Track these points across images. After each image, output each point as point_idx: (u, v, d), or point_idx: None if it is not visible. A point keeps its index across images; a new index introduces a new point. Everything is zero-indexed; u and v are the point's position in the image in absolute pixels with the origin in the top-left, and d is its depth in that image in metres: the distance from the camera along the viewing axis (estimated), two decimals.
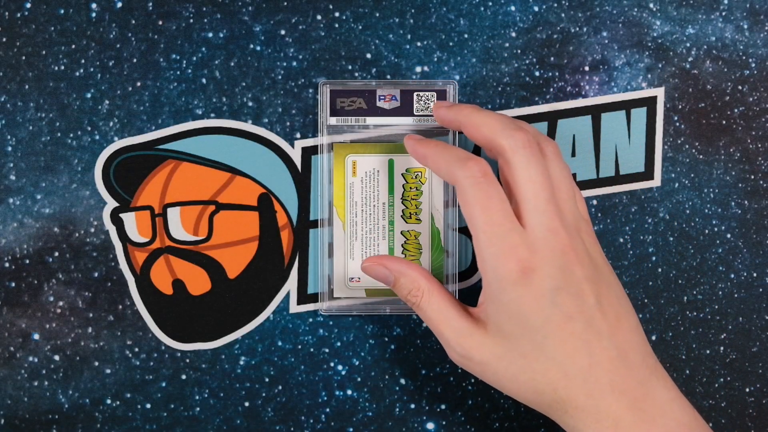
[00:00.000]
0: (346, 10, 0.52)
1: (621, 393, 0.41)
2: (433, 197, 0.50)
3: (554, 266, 0.42)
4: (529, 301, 0.42)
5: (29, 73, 0.52)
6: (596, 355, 0.42)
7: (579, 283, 0.42)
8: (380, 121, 0.50)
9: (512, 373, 0.43)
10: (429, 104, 0.49)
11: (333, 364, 0.54)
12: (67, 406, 0.54)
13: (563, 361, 0.42)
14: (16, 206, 0.52)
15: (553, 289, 0.42)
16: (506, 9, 0.53)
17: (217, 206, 0.53)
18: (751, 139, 0.54)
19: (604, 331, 0.42)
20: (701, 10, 0.54)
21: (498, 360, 0.43)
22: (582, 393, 0.42)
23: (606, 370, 0.42)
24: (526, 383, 0.43)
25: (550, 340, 0.42)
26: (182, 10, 0.52)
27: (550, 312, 0.42)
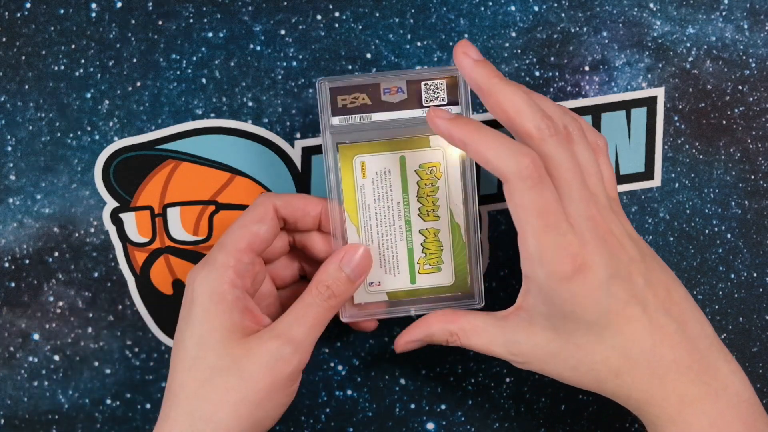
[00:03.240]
0: (346, 10, 0.52)
1: (686, 368, 0.41)
2: (450, 192, 0.47)
3: (603, 256, 0.40)
4: (585, 296, 0.40)
5: (29, 73, 0.52)
6: (657, 334, 0.41)
7: (626, 266, 0.41)
8: (387, 116, 0.46)
9: (572, 365, 0.42)
10: (439, 93, 0.45)
11: (333, 364, 0.54)
12: (67, 406, 0.54)
13: (625, 347, 0.41)
14: (16, 206, 0.52)
15: (606, 279, 0.40)
16: (506, 9, 0.53)
17: (217, 206, 0.53)
18: (752, 139, 0.54)
19: (660, 308, 0.42)
20: (701, 10, 0.54)
21: (554, 358, 0.42)
22: (647, 374, 0.41)
23: (669, 347, 0.41)
24: (588, 374, 0.42)
25: (609, 329, 0.41)
26: (182, 10, 0.52)
27: (606, 303, 0.41)
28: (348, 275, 0.45)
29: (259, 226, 0.45)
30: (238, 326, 0.43)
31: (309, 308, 0.44)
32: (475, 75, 0.41)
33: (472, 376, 0.55)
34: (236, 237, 0.44)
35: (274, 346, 0.42)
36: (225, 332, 0.42)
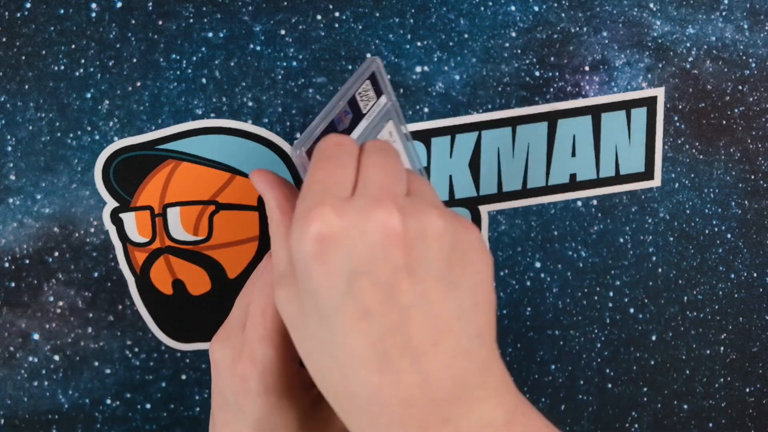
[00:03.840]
0: (346, 10, 0.52)
1: (416, 429, 0.32)
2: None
3: (364, 243, 0.32)
4: (319, 279, 0.32)
5: (29, 73, 0.52)
6: (391, 374, 0.32)
7: (393, 272, 0.32)
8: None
9: (306, 347, 0.35)
10: (368, 93, 0.44)
11: None
12: (67, 406, 0.54)
13: (347, 370, 0.33)
14: (16, 206, 0.52)
15: (351, 270, 0.32)
16: (506, 9, 0.53)
17: (217, 206, 0.53)
18: (752, 139, 0.54)
19: (412, 345, 0.32)
20: (701, 10, 0.54)
21: (295, 323, 0.35)
22: (363, 417, 0.33)
23: (400, 398, 0.32)
24: (313, 367, 0.35)
25: (336, 336, 0.32)
26: (182, 10, 0.51)
27: (341, 300, 0.32)
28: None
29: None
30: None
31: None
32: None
33: None
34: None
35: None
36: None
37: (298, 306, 0.34)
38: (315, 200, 0.33)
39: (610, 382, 0.56)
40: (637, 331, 0.55)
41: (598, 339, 0.55)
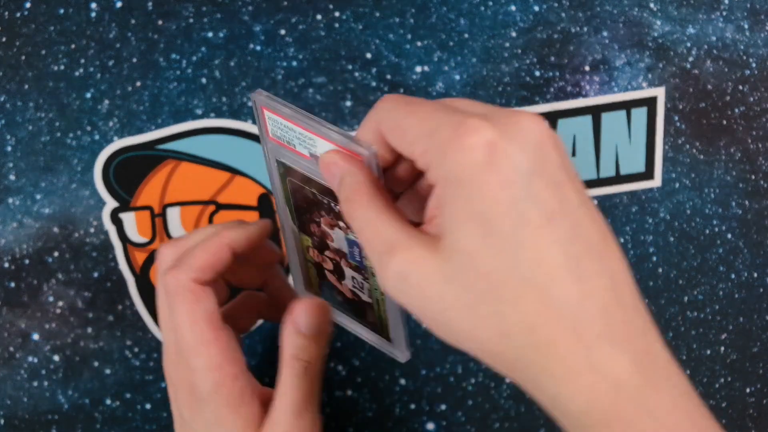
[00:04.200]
0: (346, 10, 0.52)
1: (622, 342, 0.29)
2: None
3: (528, 144, 0.29)
4: (495, 190, 0.29)
5: (29, 73, 0.52)
6: (587, 281, 0.29)
7: (556, 171, 0.30)
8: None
9: (466, 302, 0.29)
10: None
11: (333, 364, 0.54)
12: (67, 406, 0.54)
13: (545, 285, 0.28)
14: (16, 206, 0.52)
15: (527, 172, 0.29)
16: (506, 9, 0.53)
17: (217, 206, 0.53)
18: (752, 139, 0.54)
19: (594, 246, 0.29)
20: (702, 10, 0.53)
21: (446, 281, 0.29)
22: (571, 335, 0.28)
23: (600, 306, 0.29)
24: (487, 319, 0.29)
25: (525, 251, 0.29)
26: (182, 10, 0.51)
27: (525, 207, 0.29)
28: (311, 336, 0.40)
29: (203, 306, 0.40)
30: (249, 421, 0.40)
31: (293, 392, 0.40)
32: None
33: (473, 377, 0.55)
34: (197, 334, 0.40)
35: None
36: (243, 430, 0.40)
37: (440, 262, 0.30)
38: (458, 118, 0.30)
39: None
40: None
41: None
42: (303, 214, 0.40)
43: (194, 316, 0.39)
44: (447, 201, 0.30)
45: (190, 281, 0.39)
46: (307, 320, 0.40)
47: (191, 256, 0.39)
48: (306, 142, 0.36)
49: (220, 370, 0.39)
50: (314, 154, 0.36)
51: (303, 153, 0.37)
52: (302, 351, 0.40)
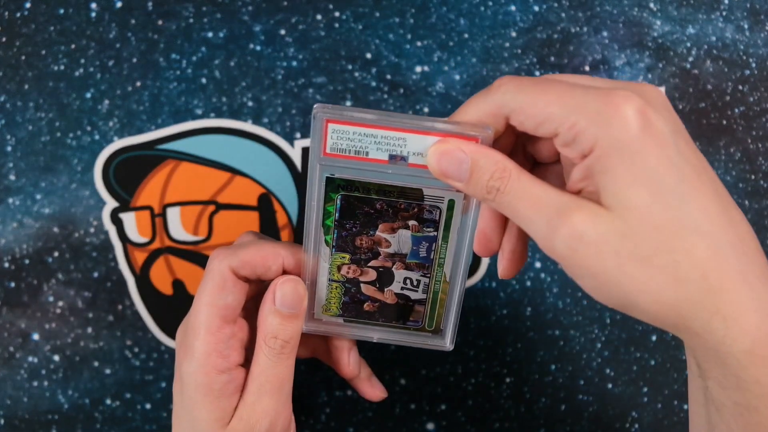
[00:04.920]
0: (346, 10, 0.52)
1: None
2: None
3: (664, 108, 0.33)
4: (656, 152, 0.31)
5: (29, 73, 0.52)
6: (738, 226, 0.32)
7: (684, 128, 0.33)
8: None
9: (642, 255, 0.31)
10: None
11: None
12: (67, 406, 0.54)
13: (711, 233, 0.31)
14: (16, 206, 0.52)
15: (672, 132, 0.32)
16: (506, 9, 0.53)
17: (217, 206, 0.53)
18: (752, 139, 0.54)
19: (726, 195, 0.33)
20: (702, 10, 0.53)
21: (622, 237, 0.31)
22: (738, 277, 0.31)
23: (753, 248, 0.32)
24: (663, 269, 0.31)
25: (690, 204, 0.31)
26: (182, 10, 0.51)
27: (680, 164, 0.31)
28: (287, 314, 0.40)
29: (224, 298, 0.40)
30: (226, 412, 0.40)
31: (266, 372, 0.40)
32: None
33: (472, 377, 0.55)
34: (206, 318, 0.40)
35: (248, 427, 0.40)
36: (213, 422, 0.40)
37: (614, 220, 0.31)
38: (602, 91, 0.32)
39: (610, 382, 0.56)
40: (637, 331, 0.55)
41: (598, 339, 0.55)
42: (347, 230, 0.40)
43: (212, 300, 0.40)
44: (609, 166, 0.32)
45: (228, 268, 0.40)
46: (285, 299, 0.40)
47: (242, 249, 0.40)
48: (389, 145, 0.36)
49: (208, 358, 0.39)
50: (399, 155, 0.36)
51: (379, 159, 0.37)
52: (279, 330, 0.40)
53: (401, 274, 0.41)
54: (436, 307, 0.42)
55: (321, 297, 0.42)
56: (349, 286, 0.42)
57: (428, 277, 0.41)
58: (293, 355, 0.41)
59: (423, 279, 0.41)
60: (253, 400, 0.40)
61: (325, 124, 0.37)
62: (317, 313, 0.43)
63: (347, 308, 0.43)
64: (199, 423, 0.40)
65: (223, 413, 0.40)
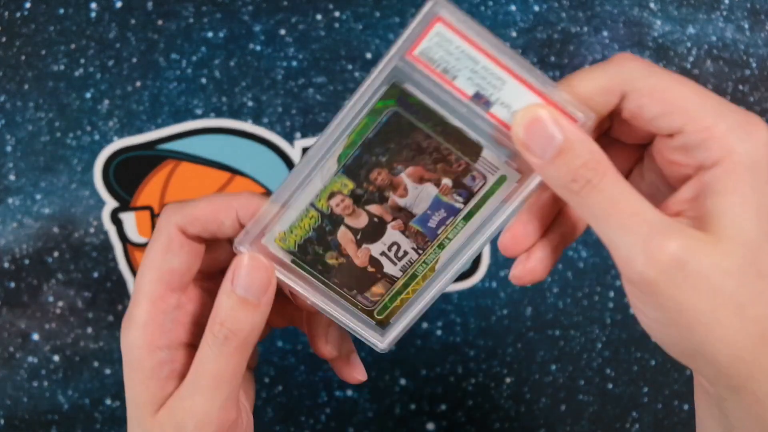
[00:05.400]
0: (346, 10, 0.52)
1: None
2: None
3: None
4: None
5: (29, 73, 0.52)
6: None
7: None
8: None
9: (740, 301, 0.28)
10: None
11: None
12: (66, 406, 0.54)
13: None
14: (16, 206, 0.52)
15: None
16: (506, 9, 0.53)
17: None
18: None
19: None
20: (702, 10, 0.53)
21: (725, 275, 0.28)
22: None
23: None
24: (756, 321, 0.28)
25: None
26: (182, 10, 0.51)
27: None
28: (243, 298, 0.33)
29: (168, 261, 0.34)
30: (157, 397, 0.34)
31: (203, 364, 0.34)
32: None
33: (473, 377, 0.55)
34: (147, 284, 0.35)
35: (174, 422, 0.34)
36: (142, 406, 0.34)
37: (721, 255, 0.28)
38: (735, 106, 0.29)
39: (610, 382, 0.56)
40: (637, 332, 0.55)
41: (598, 339, 0.55)
42: (372, 153, 0.33)
43: (155, 263, 0.34)
44: (734, 188, 0.28)
45: (174, 226, 0.34)
46: (246, 281, 0.33)
47: (191, 203, 0.34)
48: (484, 81, 0.31)
49: (144, 330, 0.34)
50: (486, 97, 0.31)
51: (463, 90, 0.31)
52: (228, 317, 0.33)
53: (393, 235, 0.34)
54: (399, 296, 0.36)
55: (286, 222, 0.34)
56: (326, 222, 0.34)
57: (419, 253, 0.35)
58: (243, 352, 0.34)
59: (412, 253, 0.35)
60: (184, 394, 0.34)
61: (432, 21, 0.30)
62: (267, 239, 0.35)
63: (305, 249, 0.35)
64: (129, 404, 0.35)
65: (152, 398, 0.34)
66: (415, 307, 0.35)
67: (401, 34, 0.30)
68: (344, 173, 0.33)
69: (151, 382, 0.34)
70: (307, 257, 0.35)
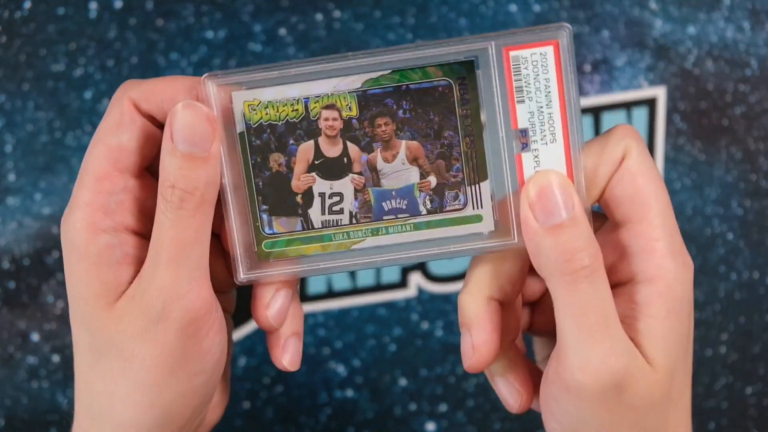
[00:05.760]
0: (346, 10, 0.52)
1: None
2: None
3: None
4: (689, 321, 0.31)
5: (29, 72, 0.52)
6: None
7: None
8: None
9: (651, 427, 0.30)
10: None
11: (333, 365, 0.54)
12: (66, 407, 0.54)
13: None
14: (16, 206, 0.52)
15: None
16: (506, 9, 0.53)
17: None
18: (753, 139, 0.54)
19: None
20: (702, 10, 0.53)
21: (650, 407, 0.30)
22: None
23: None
24: None
25: (680, 407, 0.31)
26: (182, 10, 0.51)
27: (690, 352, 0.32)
28: (188, 153, 0.29)
29: (118, 137, 0.31)
30: (111, 286, 0.30)
31: (162, 234, 0.30)
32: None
33: (473, 377, 0.55)
34: (92, 161, 0.31)
35: (139, 309, 0.30)
36: (93, 299, 0.30)
37: (664, 376, 0.30)
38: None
39: None
40: None
41: None
42: (398, 106, 0.30)
43: (102, 140, 0.31)
44: (663, 314, 0.29)
45: (128, 100, 0.31)
46: (185, 132, 0.29)
47: (151, 81, 0.31)
48: (541, 126, 0.30)
49: (86, 211, 0.30)
50: (528, 138, 0.30)
51: (518, 117, 0.30)
52: (179, 177, 0.29)
53: (345, 186, 0.31)
54: (297, 245, 0.32)
55: (269, 94, 0.30)
56: (302, 125, 0.31)
57: (351, 222, 0.31)
58: (203, 213, 0.30)
59: (345, 216, 0.31)
60: (147, 275, 0.30)
61: (547, 41, 0.29)
62: (237, 93, 0.30)
63: (261, 132, 0.31)
64: (75, 300, 0.31)
65: (104, 288, 0.30)
66: (301, 266, 0.32)
67: (517, 29, 0.29)
68: (358, 97, 0.30)
69: (100, 270, 0.30)
70: (255, 141, 0.31)
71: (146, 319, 0.30)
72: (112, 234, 0.31)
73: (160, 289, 0.29)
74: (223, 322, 0.32)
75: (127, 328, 0.30)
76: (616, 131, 0.31)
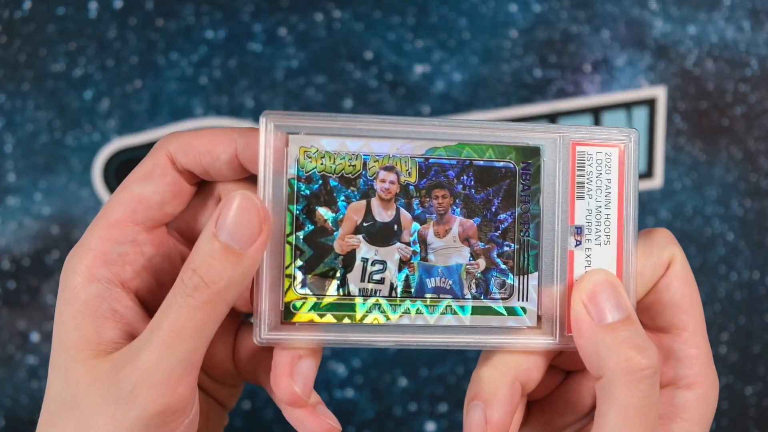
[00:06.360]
0: (347, 10, 0.52)
1: None
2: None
3: None
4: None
5: (29, 72, 0.52)
6: None
7: None
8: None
9: None
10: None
11: (334, 365, 0.54)
12: None
13: None
14: (16, 206, 0.52)
15: None
16: (507, 9, 0.53)
17: None
18: (753, 139, 0.54)
19: None
20: (702, 10, 0.53)
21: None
22: None
23: None
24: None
25: None
26: (182, 10, 0.51)
27: None
28: (226, 245, 0.27)
29: (142, 187, 0.30)
30: (90, 340, 0.29)
31: (164, 313, 0.28)
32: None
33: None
34: (111, 204, 0.30)
35: (113, 379, 0.28)
36: (72, 348, 0.29)
37: None
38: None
39: None
40: None
41: None
42: (459, 181, 0.29)
43: (126, 188, 0.30)
44: (696, 419, 0.31)
45: (164, 153, 0.30)
46: (231, 224, 0.27)
47: (191, 133, 0.30)
48: (598, 226, 0.30)
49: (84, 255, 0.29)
50: (583, 237, 0.30)
51: (576, 214, 0.29)
52: (203, 264, 0.27)
53: (391, 256, 0.29)
54: (329, 312, 0.29)
55: (330, 144, 0.29)
56: (357, 183, 0.29)
57: (389, 296, 0.29)
58: (213, 309, 0.28)
59: (384, 288, 0.29)
60: (135, 348, 0.28)
61: (614, 143, 0.29)
62: (294, 137, 0.29)
63: (312, 181, 0.29)
64: (56, 342, 0.30)
65: (83, 340, 0.29)
66: (329, 335, 0.29)
67: (585, 126, 0.28)
68: (419, 164, 0.29)
69: (83, 319, 0.29)
70: (305, 190, 0.29)
71: (113, 393, 0.28)
72: (105, 285, 0.29)
73: (138, 369, 0.28)
74: (196, 424, 0.30)
75: (95, 394, 0.28)
76: (658, 235, 0.31)
